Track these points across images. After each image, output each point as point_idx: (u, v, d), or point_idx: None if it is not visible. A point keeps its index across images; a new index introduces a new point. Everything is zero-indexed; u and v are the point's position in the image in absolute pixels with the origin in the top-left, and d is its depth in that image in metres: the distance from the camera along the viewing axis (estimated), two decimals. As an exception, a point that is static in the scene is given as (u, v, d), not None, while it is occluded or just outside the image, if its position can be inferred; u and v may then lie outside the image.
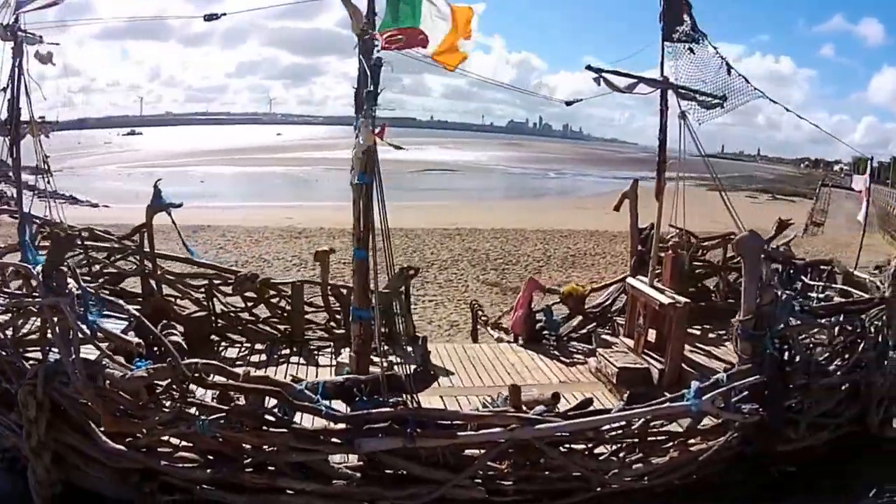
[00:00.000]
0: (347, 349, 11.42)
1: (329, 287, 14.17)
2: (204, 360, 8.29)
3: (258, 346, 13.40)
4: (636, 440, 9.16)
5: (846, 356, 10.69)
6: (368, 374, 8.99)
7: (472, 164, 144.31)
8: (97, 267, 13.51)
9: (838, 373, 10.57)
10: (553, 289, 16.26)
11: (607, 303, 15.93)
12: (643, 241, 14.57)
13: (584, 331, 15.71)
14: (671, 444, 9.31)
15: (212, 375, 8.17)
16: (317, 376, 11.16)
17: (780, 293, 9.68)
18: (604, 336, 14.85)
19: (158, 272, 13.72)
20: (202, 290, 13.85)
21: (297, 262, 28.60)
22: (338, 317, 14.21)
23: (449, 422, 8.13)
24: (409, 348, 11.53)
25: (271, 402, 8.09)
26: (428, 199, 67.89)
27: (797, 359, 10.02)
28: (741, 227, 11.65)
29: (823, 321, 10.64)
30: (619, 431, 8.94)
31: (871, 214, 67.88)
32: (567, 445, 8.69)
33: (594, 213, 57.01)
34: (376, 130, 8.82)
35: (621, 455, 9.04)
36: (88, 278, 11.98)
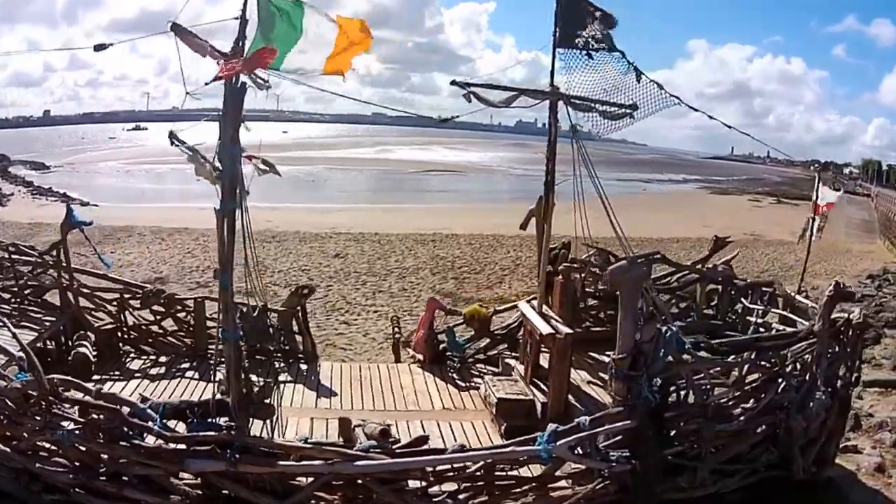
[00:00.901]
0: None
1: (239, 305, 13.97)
2: (62, 377, 8.72)
3: (162, 359, 13.79)
4: (481, 482, 8.41)
5: (762, 396, 9.53)
6: (240, 393, 8.83)
7: (474, 164, 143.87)
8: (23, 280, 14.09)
9: (743, 416, 9.44)
10: (454, 310, 15.56)
11: (515, 324, 14.61)
12: (553, 261, 13.30)
13: (494, 352, 14.71)
14: (527, 487, 8.48)
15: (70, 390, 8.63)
16: (204, 391, 11.35)
17: (664, 329, 8.53)
18: (507, 360, 13.75)
19: (75, 285, 14.07)
20: (114, 303, 14.27)
21: (259, 268, 27.43)
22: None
23: (269, 450, 8.18)
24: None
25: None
26: (418, 201, 67.36)
27: (692, 400, 9.04)
28: (627, 247, 10.02)
29: (730, 359, 9.48)
30: (458, 472, 8.36)
31: (873, 220, 66.20)
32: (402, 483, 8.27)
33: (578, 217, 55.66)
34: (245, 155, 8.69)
35: (461, 497, 8.32)
36: (16, 290, 13.60)
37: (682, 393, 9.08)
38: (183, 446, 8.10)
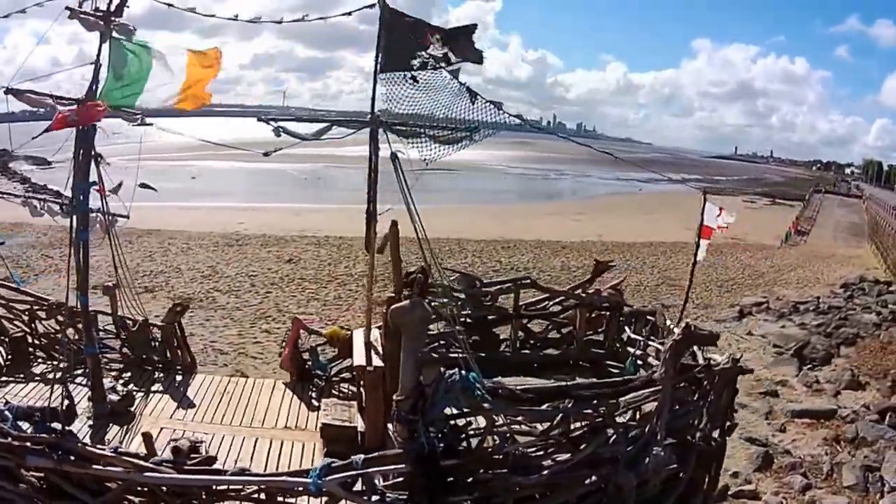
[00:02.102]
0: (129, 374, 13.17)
1: (120, 319, 14.49)
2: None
3: (63, 365, 13.66)
4: None
5: (582, 447, 8.34)
6: (105, 401, 10.71)
7: (474, 163, 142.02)
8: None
9: (554, 469, 8.29)
10: (316, 330, 14.90)
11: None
12: (408, 285, 12.13)
13: (357, 373, 14.02)
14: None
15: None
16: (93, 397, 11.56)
17: (447, 373, 7.91)
18: (364, 382, 12.77)
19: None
20: (26, 313, 14.54)
21: (209, 272, 28.11)
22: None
23: (83, 454, 8.50)
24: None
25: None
26: (400, 202, 65.60)
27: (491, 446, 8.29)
28: (438, 270, 10.62)
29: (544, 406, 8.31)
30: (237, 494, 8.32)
31: (863, 223, 64.47)
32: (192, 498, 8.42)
33: (565, 219, 54.55)
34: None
35: None
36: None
37: (485, 440, 8.33)
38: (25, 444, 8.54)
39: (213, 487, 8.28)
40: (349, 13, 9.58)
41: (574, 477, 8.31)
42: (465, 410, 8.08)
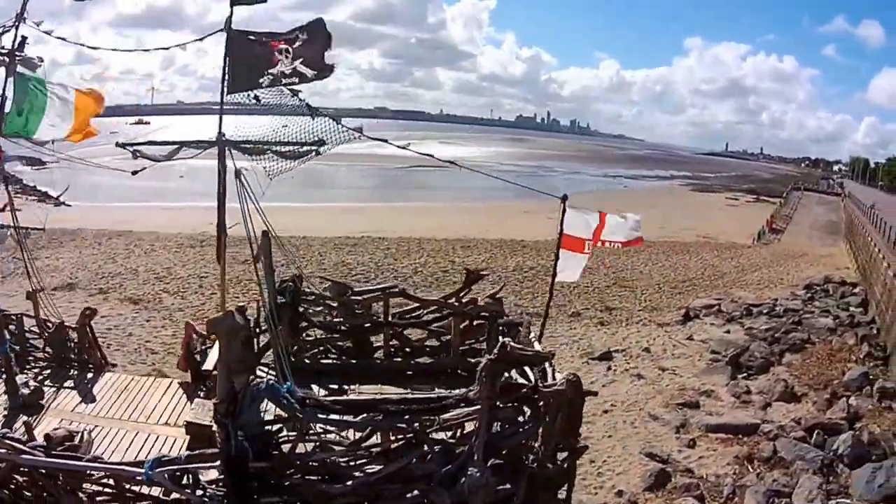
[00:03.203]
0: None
1: (45, 322, 14.35)
2: None
3: None
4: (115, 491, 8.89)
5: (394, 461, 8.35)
6: (17, 394, 11.61)
7: (464, 160, 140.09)
8: None
9: (360, 480, 8.33)
10: (204, 334, 14.41)
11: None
12: (281, 293, 12.80)
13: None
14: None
15: None
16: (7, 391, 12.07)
17: (255, 381, 8.31)
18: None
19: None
20: None
21: (164, 274, 27.69)
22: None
23: None
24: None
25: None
26: (383, 200, 65.79)
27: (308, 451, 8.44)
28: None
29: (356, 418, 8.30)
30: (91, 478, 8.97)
31: (840, 221, 62.99)
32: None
33: (538, 217, 53.19)
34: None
35: (99, 500, 8.93)
36: None
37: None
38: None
39: (72, 471, 8.82)
40: (201, 39, 10.01)
41: (389, 491, 8.30)
42: (283, 416, 8.32)
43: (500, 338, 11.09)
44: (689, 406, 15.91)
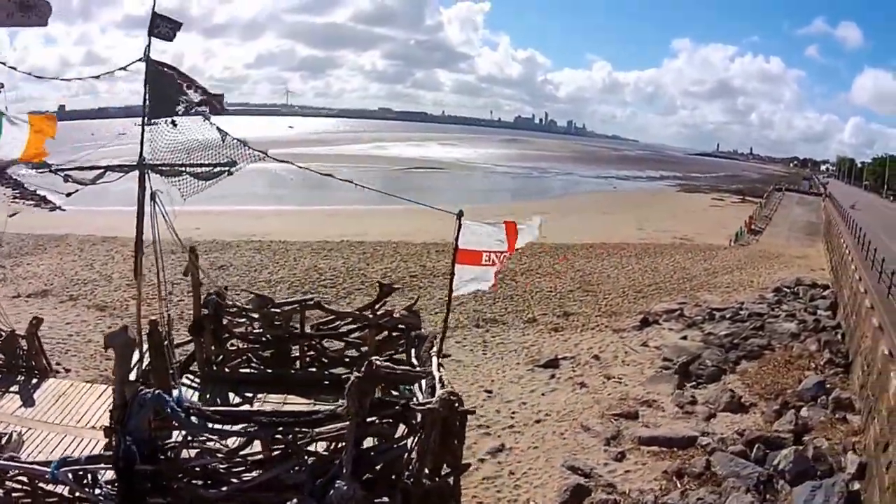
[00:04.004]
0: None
1: None
2: None
3: None
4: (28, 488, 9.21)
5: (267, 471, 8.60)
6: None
7: (460, 161, 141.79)
8: None
9: (235, 486, 8.62)
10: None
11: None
12: (205, 305, 13.19)
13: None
14: (54, 500, 9.13)
15: None
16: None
17: (144, 392, 8.48)
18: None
19: None
20: None
21: (120, 279, 26.97)
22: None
23: None
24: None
25: None
26: (372, 202, 65.21)
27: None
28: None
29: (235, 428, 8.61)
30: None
31: (820, 222, 62.08)
32: None
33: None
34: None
35: (13, 495, 9.22)
36: None
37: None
38: None
39: None
40: (124, 68, 10.29)
41: (264, 498, 8.54)
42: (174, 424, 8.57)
43: (413, 349, 12.12)
44: (627, 417, 15.07)
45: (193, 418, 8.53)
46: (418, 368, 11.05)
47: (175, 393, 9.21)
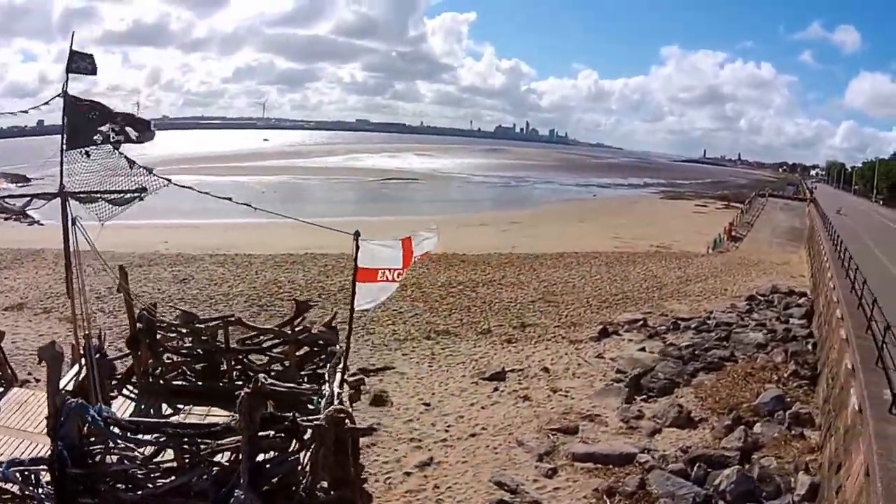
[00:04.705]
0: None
1: None
2: None
3: None
4: None
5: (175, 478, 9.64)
6: None
7: (436, 172, 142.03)
8: None
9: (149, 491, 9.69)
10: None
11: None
12: (139, 320, 14.10)
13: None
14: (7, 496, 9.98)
15: None
16: None
17: (72, 402, 9.56)
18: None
19: None
20: None
21: (103, 293, 26.43)
22: None
23: None
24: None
25: None
26: (342, 214, 65.12)
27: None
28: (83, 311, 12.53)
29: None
30: None
31: (803, 227, 62.16)
32: None
33: (493, 230, 52.36)
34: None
35: None
36: None
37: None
38: None
39: None
40: (46, 103, 11.41)
41: (175, 503, 9.44)
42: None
43: (328, 364, 12.85)
44: (566, 432, 14.67)
45: (113, 428, 9.62)
46: (327, 384, 11.79)
47: (100, 405, 10.11)
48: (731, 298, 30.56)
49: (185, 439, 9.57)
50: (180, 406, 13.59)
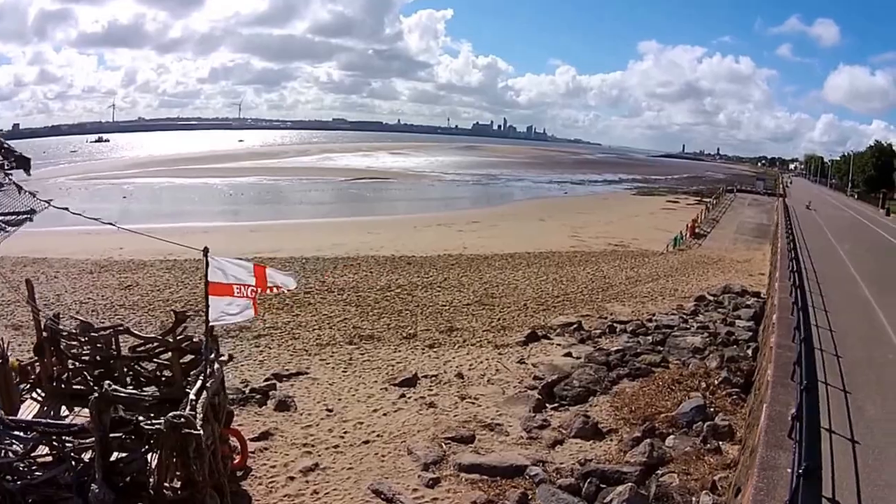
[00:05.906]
0: None
1: None
2: None
3: None
4: None
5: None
6: None
7: (408, 170, 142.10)
8: None
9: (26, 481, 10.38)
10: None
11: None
12: (45, 329, 14.68)
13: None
14: None
15: None
16: None
17: None
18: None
19: None
20: None
21: (52, 300, 26.76)
22: None
23: None
24: None
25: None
26: (306, 216, 65.30)
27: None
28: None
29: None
30: None
31: (771, 223, 62.39)
32: None
33: (448, 230, 52.04)
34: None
35: None
36: None
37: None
38: None
39: None
40: None
41: (49, 493, 10.18)
42: None
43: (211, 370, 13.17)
44: (460, 441, 14.39)
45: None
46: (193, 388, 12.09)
47: None
48: (680, 299, 30.30)
49: (53, 437, 10.44)
50: (77, 408, 14.02)
